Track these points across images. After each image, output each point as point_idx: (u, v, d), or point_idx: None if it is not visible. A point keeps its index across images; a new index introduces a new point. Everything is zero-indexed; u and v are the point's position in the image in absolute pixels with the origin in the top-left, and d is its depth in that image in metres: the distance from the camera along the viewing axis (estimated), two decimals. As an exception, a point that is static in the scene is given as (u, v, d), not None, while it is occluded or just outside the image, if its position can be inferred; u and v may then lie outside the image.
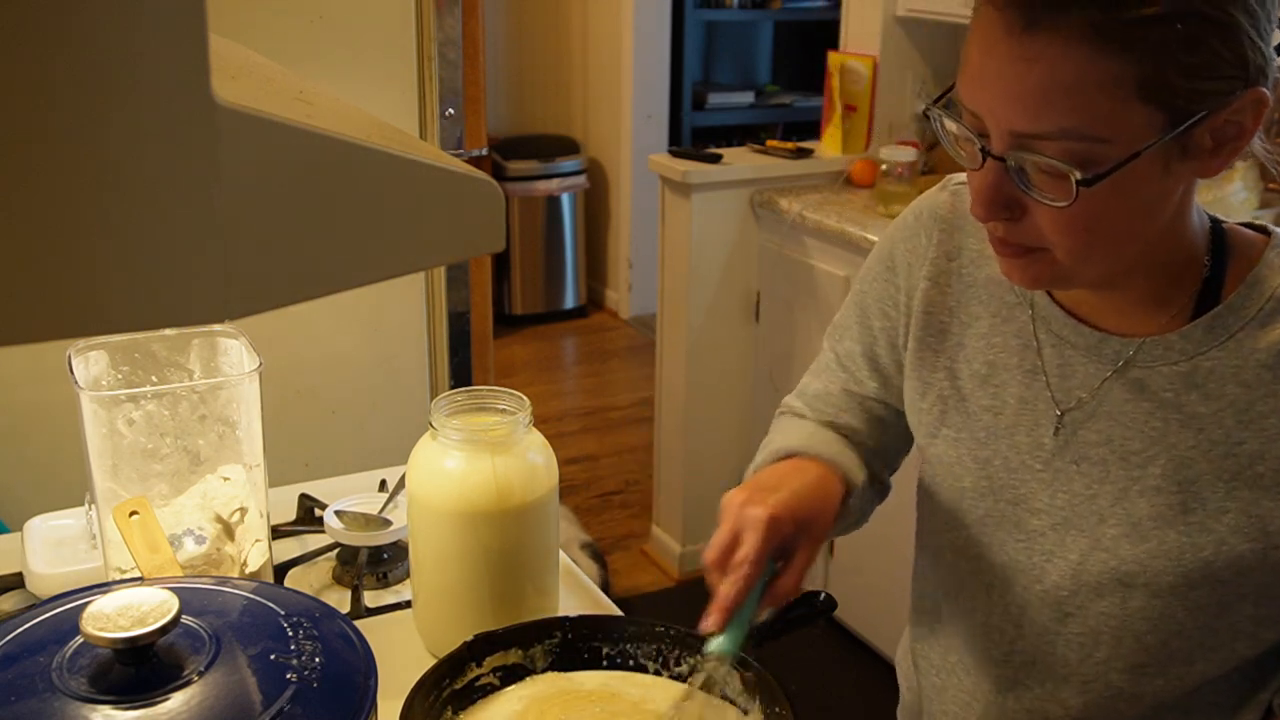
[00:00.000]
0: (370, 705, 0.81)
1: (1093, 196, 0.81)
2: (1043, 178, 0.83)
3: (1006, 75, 0.81)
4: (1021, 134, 0.82)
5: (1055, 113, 0.80)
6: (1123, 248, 0.87)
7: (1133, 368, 0.94)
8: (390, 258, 0.55)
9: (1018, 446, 1.00)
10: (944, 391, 1.05)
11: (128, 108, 0.42)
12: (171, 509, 1.20)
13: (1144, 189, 0.83)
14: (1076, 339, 0.97)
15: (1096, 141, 0.80)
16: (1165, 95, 0.79)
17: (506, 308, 5.21)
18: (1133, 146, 0.80)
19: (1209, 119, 0.81)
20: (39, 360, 1.74)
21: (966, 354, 1.03)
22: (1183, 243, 0.92)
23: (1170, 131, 0.80)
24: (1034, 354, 0.99)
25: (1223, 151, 0.84)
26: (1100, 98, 0.78)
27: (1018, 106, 0.81)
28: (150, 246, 0.44)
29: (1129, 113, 0.79)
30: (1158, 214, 0.86)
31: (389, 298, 2.06)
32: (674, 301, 3.09)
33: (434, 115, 2.01)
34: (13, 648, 0.83)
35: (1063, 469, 0.97)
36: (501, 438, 1.14)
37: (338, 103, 0.68)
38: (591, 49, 5.20)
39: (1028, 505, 1.00)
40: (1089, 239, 0.85)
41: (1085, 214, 0.83)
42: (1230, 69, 0.80)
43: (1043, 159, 0.81)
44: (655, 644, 1.11)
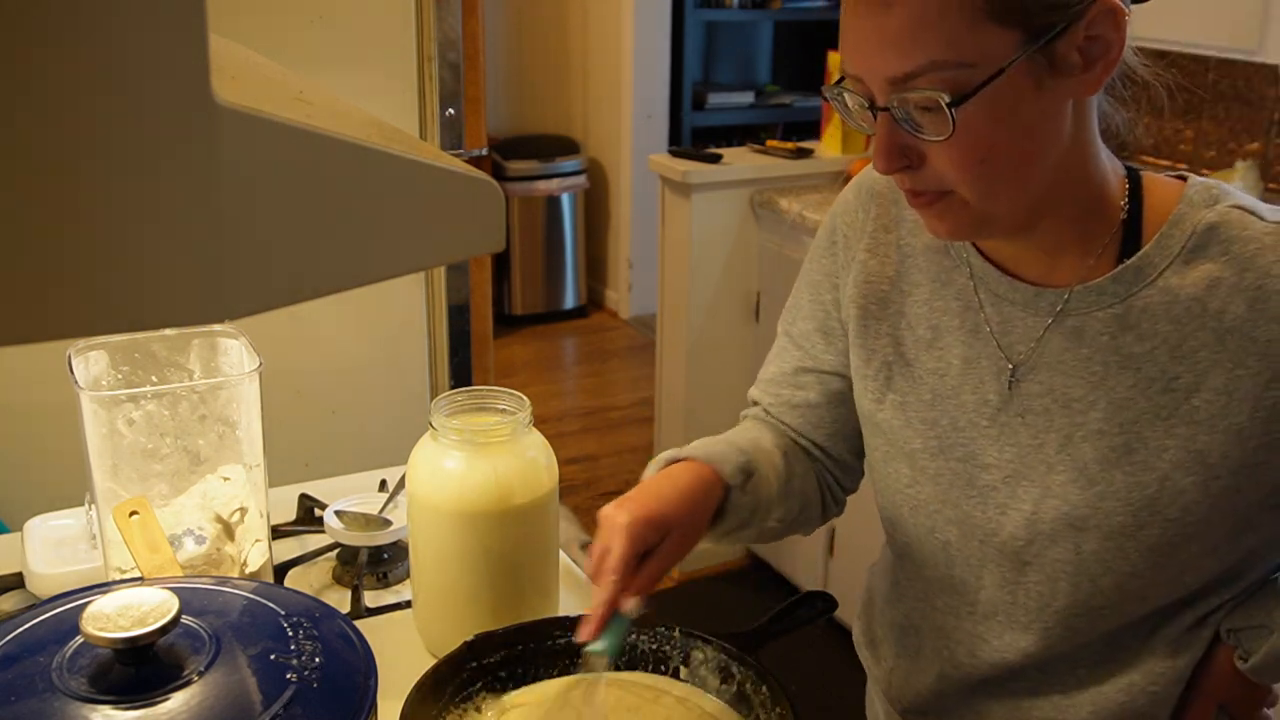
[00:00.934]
0: (370, 705, 0.81)
1: (973, 124, 0.85)
2: (924, 116, 0.87)
3: (868, 29, 0.86)
4: (895, 78, 0.86)
5: (918, 49, 0.84)
6: (1021, 175, 0.90)
7: (1069, 316, 0.97)
8: (390, 258, 0.55)
9: (964, 405, 1.02)
10: (888, 358, 1.07)
11: (128, 108, 0.42)
12: (171, 509, 1.20)
13: (1022, 109, 0.87)
14: (1013, 295, 1.00)
15: (962, 68, 0.84)
16: (1017, 14, 0.83)
17: (506, 308, 5.21)
18: (996, 66, 0.84)
19: (1067, 33, 0.85)
20: (39, 360, 1.74)
21: (909, 320, 1.06)
22: (1091, 182, 0.95)
23: (1028, 48, 0.84)
24: (976, 313, 1.02)
25: (1095, 67, 0.87)
26: (956, 25, 0.83)
27: (885, 53, 0.86)
28: (150, 246, 0.44)
29: (986, 35, 0.83)
30: (1046, 135, 0.89)
31: (389, 298, 2.06)
32: (674, 301, 3.09)
33: (434, 115, 2.01)
34: (13, 648, 0.83)
35: (1009, 423, 1.00)
36: (501, 438, 1.14)
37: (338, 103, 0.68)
38: (591, 49, 5.20)
39: (978, 461, 1.02)
40: (985, 169, 0.88)
41: (973, 143, 0.86)
42: None
43: (918, 94, 0.85)
44: (655, 644, 1.11)
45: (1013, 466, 1.00)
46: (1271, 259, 0.90)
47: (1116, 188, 0.97)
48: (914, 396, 1.05)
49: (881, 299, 1.08)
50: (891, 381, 1.07)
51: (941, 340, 1.04)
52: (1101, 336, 0.95)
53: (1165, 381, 0.93)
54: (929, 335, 1.05)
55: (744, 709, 1.05)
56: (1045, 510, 0.98)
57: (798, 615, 1.13)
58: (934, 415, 1.04)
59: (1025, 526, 0.99)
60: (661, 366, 3.22)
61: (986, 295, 1.02)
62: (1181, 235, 0.93)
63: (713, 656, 1.08)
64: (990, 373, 1.01)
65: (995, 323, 1.01)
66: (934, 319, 1.05)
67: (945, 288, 1.04)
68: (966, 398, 1.02)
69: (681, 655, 1.10)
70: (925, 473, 1.05)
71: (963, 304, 1.03)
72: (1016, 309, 1.00)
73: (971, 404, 1.02)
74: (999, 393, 1.00)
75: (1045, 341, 0.98)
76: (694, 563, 3.28)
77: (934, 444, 1.04)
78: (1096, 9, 0.85)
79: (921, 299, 1.06)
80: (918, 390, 1.05)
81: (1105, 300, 0.95)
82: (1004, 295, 1.00)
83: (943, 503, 1.05)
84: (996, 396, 1.01)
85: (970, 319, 1.02)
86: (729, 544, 1.13)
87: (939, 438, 1.04)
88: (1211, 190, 0.95)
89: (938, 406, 1.04)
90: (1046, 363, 0.98)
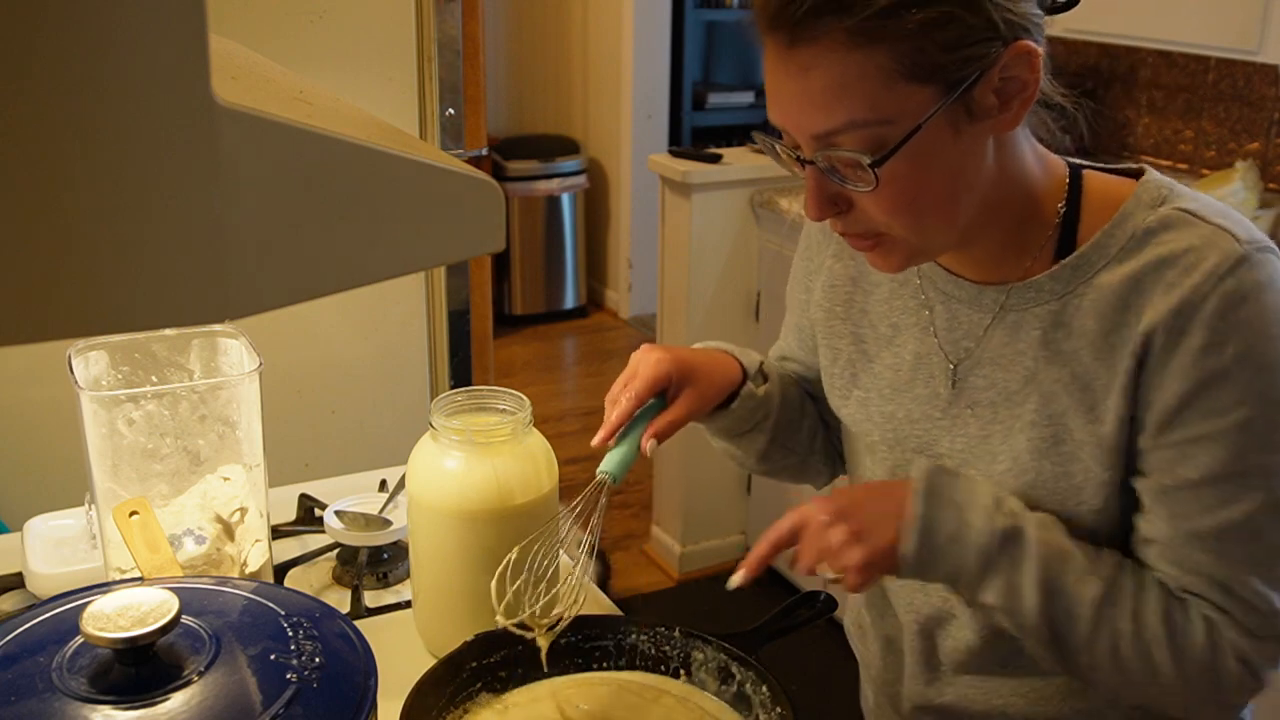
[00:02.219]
0: (370, 705, 0.81)
1: (897, 174, 0.88)
2: (849, 169, 0.90)
3: (790, 89, 0.89)
4: (818, 135, 0.89)
5: (838, 110, 0.87)
6: (950, 211, 0.93)
7: (1010, 312, 1.00)
8: (390, 258, 0.55)
9: (918, 398, 1.06)
10: (852, 356, 1.12)
11: (128, 108, 0.42)
12: (171, 509, 1.20)
13: (944, 154, 0.90)
14: (959, 293, 1.03)
15: (882, 125, 0.87)
16: (930, 71, 0.86)
17: (506, 308, 5.21)
18: (914, 121, 0.87)
19: (981, 81, 0.87)
20: (39, 360, 1.74)
21: (871, 319, 1.11)
22: (1022, 194, 0.97)
23: (944, 101, 0.87)
24: (926, 312, 1.06)
25: (1012, 105, 0.90)
26: (873, 87, 0.86)
27: (806, 113, 0.89)
28: (150, 246, 0.44)
29: (902, 94, 0.86)
30: (970, 173, 0.92)
31: (389, 298, 2.06)
32: (674, 301, 3.09)
33: (434, 115, 2.01)
34: (13, 648, 0.83)
35: (959, 415, 1.04)
36: (501, 438, 1.14)
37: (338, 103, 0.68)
38: (591, 49, 5.20)
39: (932, 451, 1.05)
40: (914, 211, 0.92)
41: (899, 191, 0.90)
42: (982, 33, 0.86)
43: (842, 153, 0.89)
44: (655, 644, 1.11)
45: (963, 456, 1.03)
46: (1194, 258, 0.90)
47: (1052, 190, 0.99)
48: (874, 391, 1.10)
49: (846, 299, 1.13)
50: (856, 378, 1.12)
51: (899, 337, 1.08)
52: (1035, 332, 0.98)
53: (1087, 379, 0.95)
54: (889, 333, 1.09)
55: (744, 709, 1.05)
56: None
57: (798, 615, 1.13)
58: (891, 409, 1.08)
59: None
60: (661, 366, 3.22)
61: (935, 294, 1.06)
62: (1123, 235, 0.94)
63: (713, 656, 1.08)
64: (939, 368, 1.05)
65: (942, 320, 1.05)
66: (893, 317, 1.09)
67: (902, 287, 1.09)
68: (920, 391, 1.06)
69: (681, 655, 1.10)
70: (884, 464, 1.10)
71: (917, 303, 1.07)
72: (963, 306, 1.03)
73: (925, 397, 1.06)
74: (948, 386, 1.04)
75: (990, 337, 1.01)
76: (694, 563, 3.29)
77: (890, 436, 1.08)
78: (1010, 54, 0.87)
79: (882, 298, 1.10)
80: (878, 385, 1.10)
81: (1043, 297, 0.98)
82: (951, 294, 1.04)
83: None
84: (946, 390, 1.04)
85: (923, 317, 1.07)
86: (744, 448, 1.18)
87: (895, 430, 1.08)
88: (1162, 190, 0.96)
89: (894, 400, 1.08)
90: (989, 357, 1.01)
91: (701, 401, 1.08)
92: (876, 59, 0.85)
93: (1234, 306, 0.88)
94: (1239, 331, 0.88)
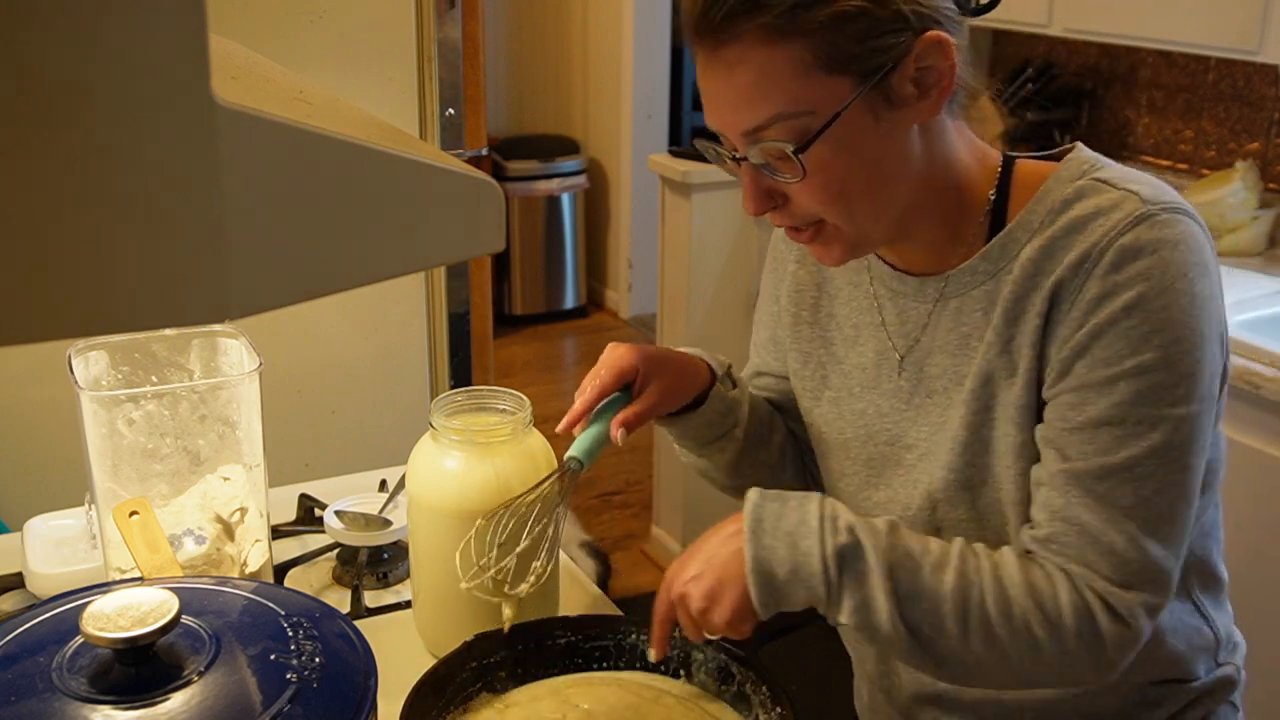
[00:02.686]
0: (370, 705, 0.81)
1: (823, 163, 0.93)
2: (778, 162, 0.95)
3: (717, 89, 0.95)
4: (748, 131, 0.94)
5: (762, 105, 0.92)
6: (879, 198, 0.97)
7: (951, 299, 1.03)
8: (390, 258, 0.55)
9: (884, 393, 1.10)
10: (822, 358, 1.15)
11: (128, 108, 0.42)
12: (171, 509, 1.20)
13: (867, 142, 0.94)
14: (903, 288, 1.07)
15: (804, 116, 0.92)
16: (845, 62, 0.90)
17: (506, 308, 5.21)
18: (833, 111, 0.91)
19: (897, 70, 0.91)
20: (39, 360, 1.74)
21: (837, 321, 1.14)
22: (953, 183, 1.01)
23: (861, 90, 0.91)
24: (877, 310, 1.10)
25: (930, 94, 0.94)
26: (792, 80, 0.91)
27: (736, 110, 0.94)
28: (150, 246, 0.44)
29: (821, 84, 0.91)
30: (895, 160, 0.96)
31: (389, 298, 2.06)
32: (674, 301, 3.09)
33: (434, 115, 2.01)
34: (13, 648, 0.83)
35: (920, 404, 1.07)
36: (501, 438, 1.14)
37: (338, 103, 0.68)
38: (591, 49, 5.20)
39: (901, 443, 1.09)
40: (843, 199, 0.96)
41: (827, 180, 0.94)
42: (891, 24, 0.90)
43: (770, 144, 0.93)
44: (655, 644, 1.11)
45: (927, 444, 1.06)
46: (1100, 219, 0.93)
47: (982, 180, 1.02)
48: (845, 391, 1.13)
49: (813, 304, 1.16)
50: (827, 379, 1.15)
51: (861, 336, 1.12)
52: (976, 313, 1.01)
53: (1003, 344, 0.98)
54: (853, 333, 1.13)
55: (744, 709, 1.05)
56: (937, 480, 1.05)
57: (798, 615, 1.13)
58: (861, 406, 1.12)
59: (927, 497, 1.06)
60: (661, 366, 3.22)
61: (884, 292, 1.09)
62: (1043, 210, 0.98)
63: (713, 656, 1.08)
64: (895, 363, 1.08)
65: (892, 315, 1.08)
66: (855, 318, 1.13)
67: (857, 289, 1.12)
68: (885, 386, 1.10)
69: (681, 655, 1.10)
70: (859, 459, 1.13)
71: (870, 303, 1.11)
72: (909, 300, 1.07)
73: (889, 391, 1.09)
74: (908, 378, 1.07)
75: (934, 325, 1.05)
76: (694, 563, 3.28)
77: (863, 432, 1.12)
78: (922, 43, 0.91)
79: (844, 300, 1.14)
80: (848, 384, 1.13)
81: (978, 279, 1.01)
82: (897, 289, 1.08)
83: (876, 486, 1.12)
84: (907, 382, 1.08)
85: (876, 315, 1.10)
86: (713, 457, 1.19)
87: (866, 426, 1.11)
88: (1084, 165, 0.99)
89: (864, 397, 1.11)
90: (939, 345, 1.04)
91: (668, 394, 1.10)
92: (793, 52, 0.90)
93: (1129, 259, 0.91)
94: (1134, 282, 0.91)
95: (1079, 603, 0.93)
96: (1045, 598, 0.93)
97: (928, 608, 0.93)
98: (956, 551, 0.95)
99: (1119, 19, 2.43)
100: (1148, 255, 0.91)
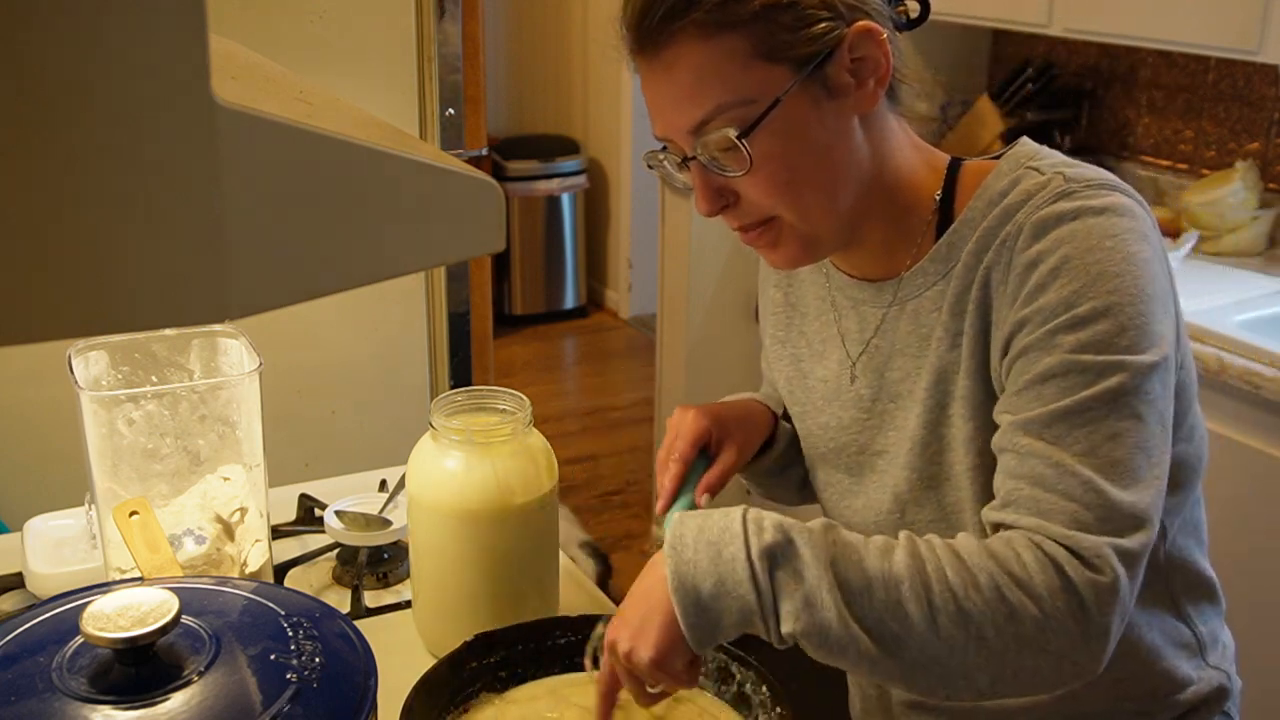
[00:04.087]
0: (370, 705, 0.81)
1: (768, 152, 0.94)
2: (725, 155, 0.95)
3: (659, 93, 0.98)
4: (693, 128, 0.95)
5: (703, 98, 0.94)
6: (826, 189, 0.97)
7: (908, 301, 1.04)
8: (390, 258, 0.55)
9: (845, 404, 1.11)
10: (791, 375, 1.18)
11: (128, 108, 0.42)
12: (171, 509, 1.20)
13: (809, 131, 0.95)
14: (861, 294, 1.08)
15: (745, 105, 0.93)
16: (780, 50, 0.92)
17: (506, 308, 5.21)
18: (774, 97, 0.93)
19: (832, 59, 0.93)
20: (39, 360, 1.74)
21: (807, 338, 1.16)
22: (900, 183, 1.02)
23: (798, 77, 0.93)
24: (836, 321, 1.12)
25: (867, 84, 0.95)
26: (730, 71, 0.93)
27: (680, 108, 0.96)
28: (150, 246, 0.44)
29: (758, 73, 0.93)
30: (839, 150, 0.97)
31: (389, 298, 2.06)
32: (674, 301, 3.09)
33: (434, 115, 2.01)
34: (13, 648, 0.83)
35: (885, 410, 1.07)
36: (501, 438, 1.14)
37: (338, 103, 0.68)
38: (591, 49, 5.20)
39: (871, 449, 1.09)
40: (792, 190, 0.96)
41: (773, 170, 0.95)
42: (822, 14, 0.93)
43: (714, 136, 0.94)
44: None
45: (896, 448, 1.07)
46: (1026, 203, 0.94)
47: (929, 180, 1.03)
48: (811, 405, 1.15)
49: (786, 323, 1.19)
50: (794, 394, 1.17)
51: (826, 350, 1.13)
52: (933, 313, 1.02)
53: (953, 337, 0.99)
54: (820, 348, 1.14)
55: (744, 709, 1.05)
56: (902, 480, 1.05)
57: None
58: (825, 419, 1.13)
59: (894, 499, 1.07)
60: (661, 366, 3.22)
61: (844, 300, 1.10)
62: (984, 206, 0.98)
63: (713, 657, 1.08)
64: (849, 368, 1.10)
65: (852, 323, 1.09)
66: (821, 332, 1.14)
67: (822, 303, 1.14)
68: (846, 397, 1.11)
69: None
70: (838, 468, 1.13)
71: (832, 314, 1.12)
72: (866, 306, 1.08)
73: (851, 401, 1.10)
74: (867, 385, 1.08)
75: (894, 329, 1.05)
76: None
77: (834, 444, 1.13)
78: (853, 34, 0.93)
79: (812, 315, 1.15)
80: (813, 399, 1.15)
81: (930, 280, 1.02)
82: (855, 296, 1.09)
83: (854, 494, 1.12)
84: (868, 389, 1.08)
85: (834, 325, 1.12)
86: (783, 487, 1.24)
87: (834, 438, 1.12)
88: (1022, 160, 0.99)
89: (827, 410, 1.13)
90: (899, 349, 1.05)
91: (745, 448, 1.14)
92: (729, 43, 0.92)
93: (1050, 227, 0.92)
94: (1057, 246, 0.91)
95: (1042, 557, 0.84)
96: (1009, 560, 0.85)
97: (882, 597, 0.83)
98: (903, 536, 0.89)
99: (1119, 19, 2.43)
100: (1069, 221, 0.91)
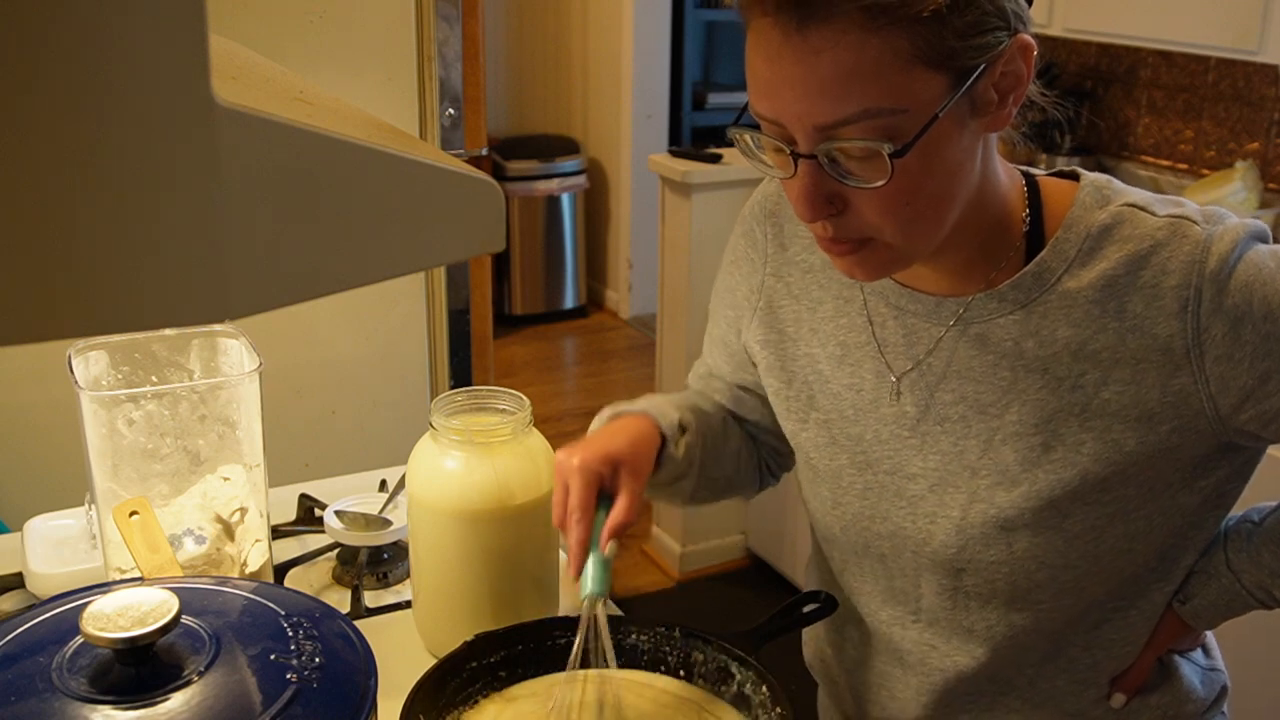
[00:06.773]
0: (370, 705, 0.81)
1: (907, 168, 0.84)
2: (855, 163, 0.85)
3: (795, 75, 0.82)
4: (824, 126, 0.83)
5: (851, 97, 0.82)
6: (942, 214, 0.90)
7: (973, 324, 0.97)
8: (390, 258, 0.55)
9: (884, 418, 1.03)
10: (808, 377, 1.08)
11: (128, 108, 0.42)
12: (171, 509, 1.20)
13: (948, 150, 0.86)
14: (915, 306, 1.00)
15: (895, 114, 0.82)
16: (946, 57, 0.82)
17: (506, 308, 5.21)
18: (929, 111, 0.83)
19: (988, 72, 0.85)
20: (39, 360, 1.74)
21: (820, 338, 1.07)
22: (996, 200, 0.95)
23: (958, 89, 0.83)
24: (873, 329, 1.03)
25: (1007, 102, 0.87)
26: (888, 73, 0.81)
27: (814, 101, 0.83)
28: (150, 246, 0.44)
29: (918, 80, 0.82)
30: (966, 173, 0.90)
31: (389, 298, 2.06)
32: (674, 301, 3.09)
33: (434, 115, 2.01)
34: (13, 648, 0.83)
35: (929, 432, 1.01)
36: (501, 438, 1.14)
37: (338, 103, 0.68)
38: (591, 49, 5.20)
39: (904, 472, 1.02)
40: (911, 212, 0.87)
41: (903, 188, 0.85)
42: (996, 20, 0.83)
43: (852, 143, 0.84)
44: (654, 644, 1.11)
45: (938, 475, 1.00)
46: (1165, 255, 0.90)
47: (1016, 201, 0.97)
48: (836, 413, 1.06)
49: (794, 318, 1.09)
50: (814, 400, 1.08)
51: (851, 356, 1.05)
52: (1006, 342, 0.96)
53: (1073, 380, 0.94)
54: (839, 352, 1.06)
55: (744, 709, 1.05)
56: (973, 515, 0.99)
57: (798, 615, 1.13)
58: (858, 430, 1.05)
59: (955, 533, 1.00)
60: (661, 366, 3.22)
61: (887, 310, 1.02)
62: (1076, 239, 0.94)
63: (713, 657, 1.08)
64: (892, 384, 1.03)
65: (895, 335, 1.02)
66: (841, 335, 1.05)
67: (848, 304, 1.05)
68: (885, 410, 1.03)
69: (681, 655, 1.10)
70: (853, 489, 1.06)
71: (864, 320, 1.04)
72: (919, 320, 1.00)
73: (890, 416, 1.03)
74: (913, 403, 1.01)
75: (952, 350, 0.99)
76: (694, 563, 3.28)
77: (860, 459, 1.05)
78: (1014, 45, 0.85)
79: (827, 315, 1.07)
80: (839, 407, 1.06)
81: (1006, 307, 0.96)
82: (905, 307, 1.01)
83: (872, 518, 1.05)
84: (914, 408, 1.01)
85: (871, 335, 1.04)
86: (671, 497, 1.15)
87: (864, 452, 1.05)
88: (1103, 190, 0.96)
89: (859, 421, 1.05)
90: (956, 371, 0.99)
91: (639, 483, 1.04)
92: (895, 42, 0.80)
93: (1224, 282, 0.89)
94: (1242, 295, 0.89)
95: None
96: None
97: None
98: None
99: (1119, 19, 2.43)
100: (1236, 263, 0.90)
